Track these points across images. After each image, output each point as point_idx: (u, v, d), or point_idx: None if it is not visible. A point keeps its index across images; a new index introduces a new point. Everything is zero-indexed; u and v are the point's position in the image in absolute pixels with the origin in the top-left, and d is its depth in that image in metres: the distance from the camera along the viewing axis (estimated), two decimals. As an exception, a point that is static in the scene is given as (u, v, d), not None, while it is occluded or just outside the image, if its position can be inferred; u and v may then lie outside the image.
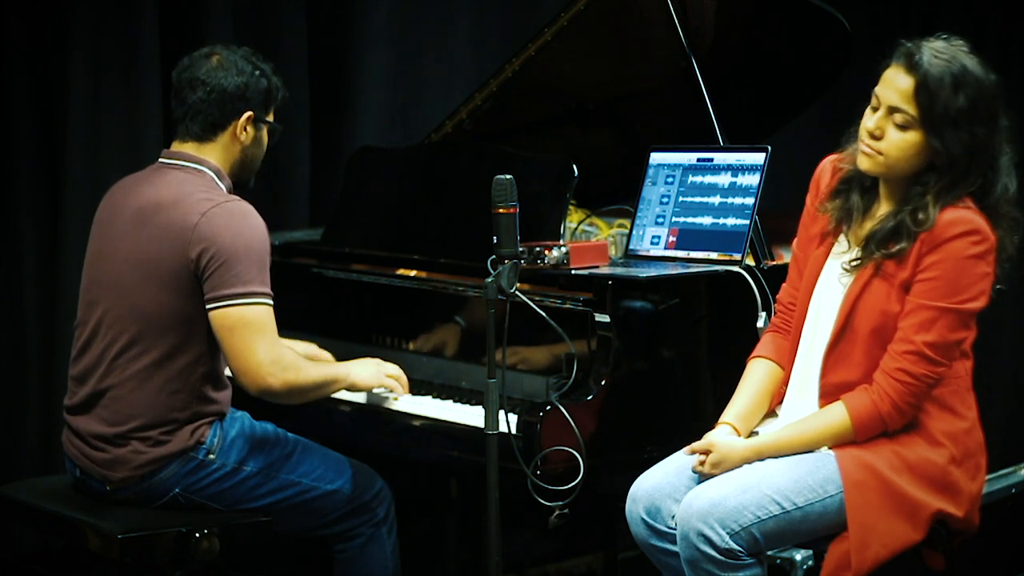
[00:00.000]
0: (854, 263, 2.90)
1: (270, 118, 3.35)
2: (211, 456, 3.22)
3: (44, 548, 3.91)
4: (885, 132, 2.83)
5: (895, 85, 2.81)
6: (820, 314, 2.96)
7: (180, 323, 3.18)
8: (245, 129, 3.28)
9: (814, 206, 3.02)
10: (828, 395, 2.92)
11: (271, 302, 3.17)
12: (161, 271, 3.17)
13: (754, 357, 3.07)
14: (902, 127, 2.81)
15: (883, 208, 2.92)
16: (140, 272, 3.19)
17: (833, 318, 2.92)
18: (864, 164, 2.87)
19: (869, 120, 2.85)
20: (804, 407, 2.97)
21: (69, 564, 3.59)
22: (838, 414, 2.86)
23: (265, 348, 3.14)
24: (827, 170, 3.03)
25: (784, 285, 3.11)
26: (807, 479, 2.83)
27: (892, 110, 2.81)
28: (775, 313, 3.12)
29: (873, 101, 2.85)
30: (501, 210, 2.90)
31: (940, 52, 2.80)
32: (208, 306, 3.15)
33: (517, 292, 2.91)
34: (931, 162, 2.83)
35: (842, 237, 2.96)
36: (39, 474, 4.01)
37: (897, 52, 2.83)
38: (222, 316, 3.14)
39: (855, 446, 2.86)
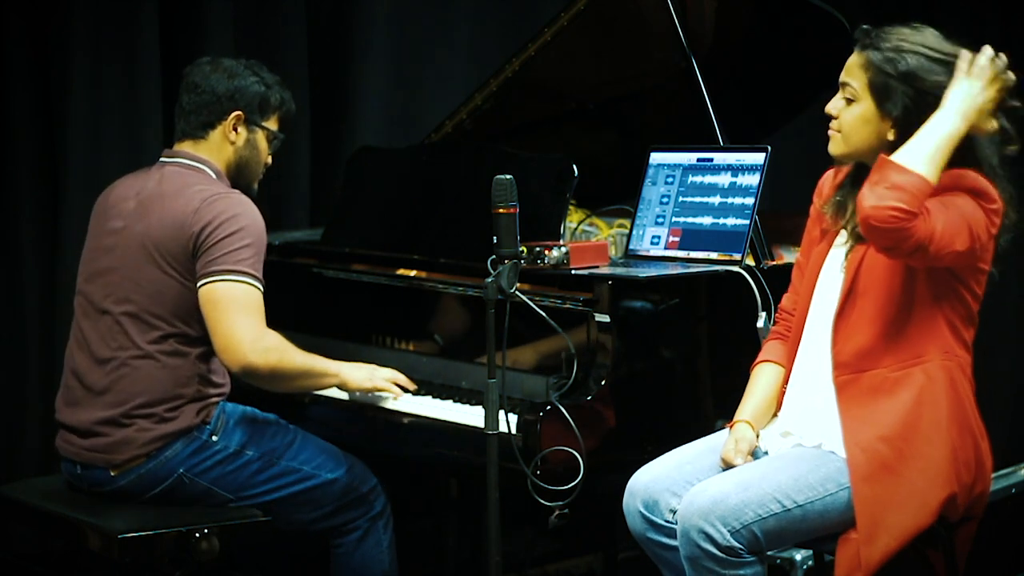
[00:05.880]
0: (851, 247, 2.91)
1: (270, 125, 3.40)
2: (214, 438, 3.25)
3: (44, 548, 3.91)
4: (840, 111, 2.89)
5: (849, 63, 2.88)
6: (825, 293, 2.95)
7: (182, 304, 3.22)
8: (235, 129, 3.36)
9: (817, 209, 3.03)
10: (842, 365, 2.88)
11: (261, 288, 3.20)
12: (164, 254, 3.22)
13: (759, 363, 3.07)
14: (849, 100, 2.87)
15: None
16: (143, 255, 3.24)
17: (838, 290, 2.90)
18: (830, 148, 2.92)
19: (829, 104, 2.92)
20: (810, 388, 2.94)
21: (69, 564, 3.59)
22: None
23: (248, 325, 3.16)
24: (830, 176, 3.06)
25: (787, 293, 3.11)
26: (808, 477, 2.82)
27: (842, 86, 2.89)
28: (776, 321, 3.12)
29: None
30: (501, 210, 2.90)
31: (888, 28, 2.85)
32: (198, 283, 3.19)
33: (517, 292, 2.91)
34: (884, 137, 2.83)
35: (843, 232, 2.96)
36: (39, 474, 4.01)
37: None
38: (208, 291, 3.17)
39: (861, 435, 2.83)
